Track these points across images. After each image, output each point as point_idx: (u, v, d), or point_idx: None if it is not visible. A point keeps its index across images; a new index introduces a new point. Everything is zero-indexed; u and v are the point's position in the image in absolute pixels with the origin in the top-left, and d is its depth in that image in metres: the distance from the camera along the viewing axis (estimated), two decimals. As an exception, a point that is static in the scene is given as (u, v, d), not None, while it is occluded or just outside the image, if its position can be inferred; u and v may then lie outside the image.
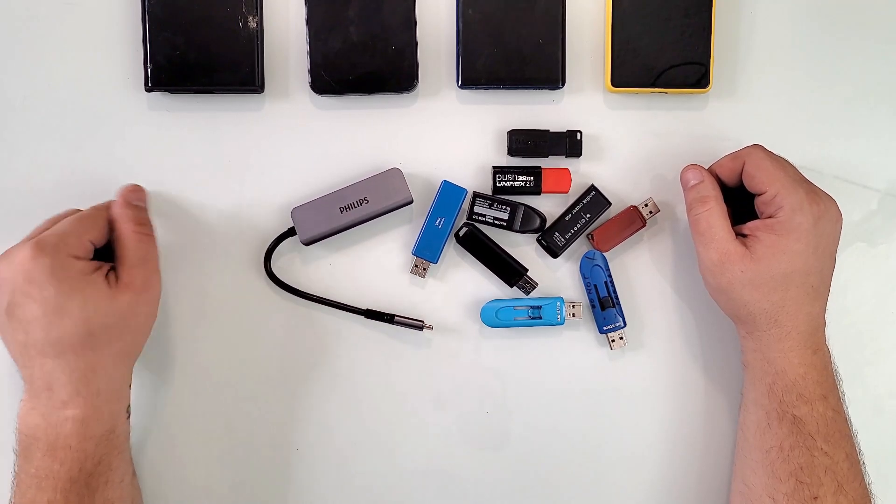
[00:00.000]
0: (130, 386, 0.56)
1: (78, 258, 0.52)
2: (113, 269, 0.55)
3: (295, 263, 0.61)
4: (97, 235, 0.54)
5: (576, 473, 0.63)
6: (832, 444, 0.54)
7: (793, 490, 0.54)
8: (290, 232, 0.60)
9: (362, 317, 0.61)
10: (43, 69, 0.60)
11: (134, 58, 0.60)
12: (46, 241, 0.51)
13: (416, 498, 0.63)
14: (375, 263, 0.62)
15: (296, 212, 0.59)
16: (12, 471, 0.52)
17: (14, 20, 0.60)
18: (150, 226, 0.57)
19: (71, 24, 0.60)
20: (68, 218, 0.55)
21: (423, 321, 0.61)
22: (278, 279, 0.61)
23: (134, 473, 0.57)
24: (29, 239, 0.52)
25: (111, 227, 0.55)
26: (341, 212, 0.59)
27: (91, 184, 0.60)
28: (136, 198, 0.58)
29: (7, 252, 0.52)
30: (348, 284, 0.62)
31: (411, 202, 0.60)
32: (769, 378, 0.55)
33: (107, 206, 0.56)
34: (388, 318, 0.61)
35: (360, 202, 0.59)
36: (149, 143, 0.61)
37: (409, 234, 0.62)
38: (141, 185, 0.59)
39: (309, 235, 0.59)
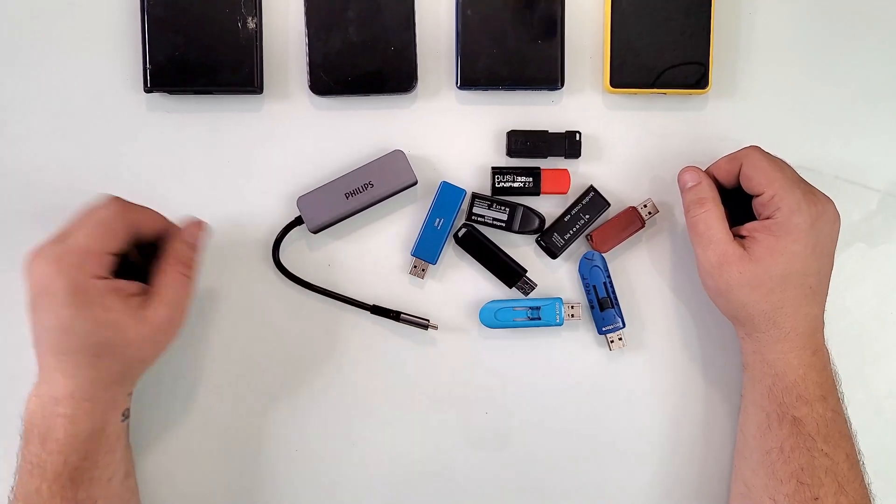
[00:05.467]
0: (131, 394, 0.56)
1: (98, 277, 0.51)
2: (141, 292, 0.53)
3: (297, 259, 0.61)
4: (119, 246, 0.52)
5: (575, 474, 0.63)
6: (832, 445, 0.54)
7: (794, 491, 0.54)
8: (297, 221, 0.60)
9: (368, 312, 0.61)
10: (43, 69, 0.61)
11: (133, 58, 0.60)
12: (67, 260, 0.50)
13: (416, 498, 0.63)
14: (374, 264, 0.62)
15: (301, 200, 0.59)
16: (18, 453, 0.53)
17: (15, 20, 0.60)
18: (195, 269, 0.56)
19: (71, 24, 0.60)
20: (92, 225, 0.52)
21: (428, 320, 0.61)
22: (288, 270, 0.60)
23: (128, 475, 0.56)
24: (57, 241, 0.51)
25: (136, 235, 0.54)
26: (346, 198, 0.59)
27: (91, 185, 0.60)
28: (196, 237, 0.56)
29: (33, 256, 0.51)
30: (347, 285, 0.62)
31: (416, 183, 0.60)
32: (769, 379, 0.55)
33: (124, 210, 0.53)
34: (393, 314, 0.61)
35: (365, 186, 0.59)
36: (148, 143, 0.61)
37: (409, 235, 0.62)
38: (207, 222, 0.57)
39: (316, 223, 0.59)
